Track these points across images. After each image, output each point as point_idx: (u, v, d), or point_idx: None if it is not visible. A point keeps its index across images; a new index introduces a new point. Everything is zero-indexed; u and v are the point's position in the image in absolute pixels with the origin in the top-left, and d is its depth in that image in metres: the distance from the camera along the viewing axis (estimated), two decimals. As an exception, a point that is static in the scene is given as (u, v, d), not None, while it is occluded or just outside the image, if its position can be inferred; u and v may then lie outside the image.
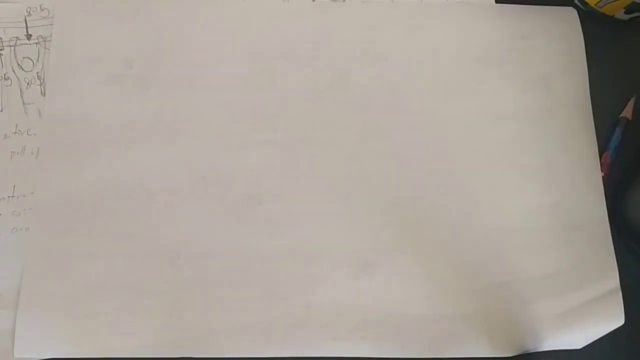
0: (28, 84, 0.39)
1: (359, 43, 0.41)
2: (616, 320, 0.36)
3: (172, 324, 0.35)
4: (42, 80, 0.39)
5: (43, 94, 0.39)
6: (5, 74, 0.39)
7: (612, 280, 0.37)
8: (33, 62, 0.40)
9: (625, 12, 0.42)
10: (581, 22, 0.43)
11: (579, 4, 0.43)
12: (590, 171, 0.39)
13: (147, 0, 0.41)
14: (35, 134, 0.38)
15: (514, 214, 0.38)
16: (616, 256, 0.38)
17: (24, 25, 0.40)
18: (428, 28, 0.42)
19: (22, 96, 0.39)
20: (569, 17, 0.43)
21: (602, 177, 0.39)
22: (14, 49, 0.40)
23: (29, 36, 0.40)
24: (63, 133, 0.38)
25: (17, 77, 0.39)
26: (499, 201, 0.38)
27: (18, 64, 0.39)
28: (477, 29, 0.42)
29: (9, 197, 0.37)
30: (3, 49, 0.40)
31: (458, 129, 0.40)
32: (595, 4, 0.42)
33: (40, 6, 0.40)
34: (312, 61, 0.40)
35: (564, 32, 0.43)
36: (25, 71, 0.39)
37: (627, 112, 0.41)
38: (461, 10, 0.43)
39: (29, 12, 0.40)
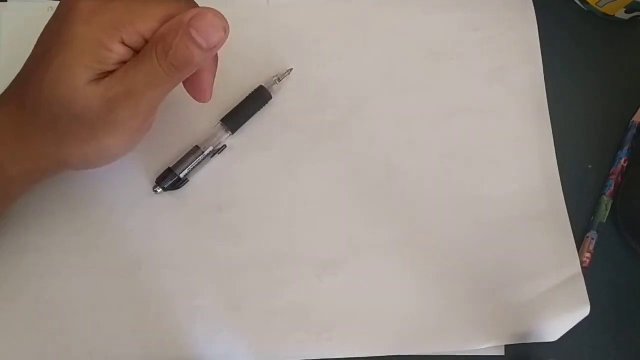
0: None
1: (311, 44, 0.41)
2: (582, 307, 0.35)
3: (136, 338, 0.34)
4: None
5: None
6: None
7: (574, 267, 0.37)
8: None
9: (626, 12, 0.42)
10: (581, 22, 0.43)
11: (579, 3, 0.43)
12: (546, 161, 0.39)
13: None
14: None
15: (473, 207, 0.38)
16: (616, 256, 0.38)
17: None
18: (380, 24, 0.41)
19: None
20: (523, 6, 0.42)
21: (616, 183, 0.39)
22: None
23: None
24: None
25: None
26: (457, 195, 0.38)
27: None
28: (431, 21, 0.42)
29: None
30: None
31: (414, 124, 0.39)
32: (596, 4, 0.42)
33: None
34: (263, 63, 0.39)
35: (517, 21, 0.42)
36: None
37: (638, 117, 0.41)
38: (413, 3, 0.42)
39: None
